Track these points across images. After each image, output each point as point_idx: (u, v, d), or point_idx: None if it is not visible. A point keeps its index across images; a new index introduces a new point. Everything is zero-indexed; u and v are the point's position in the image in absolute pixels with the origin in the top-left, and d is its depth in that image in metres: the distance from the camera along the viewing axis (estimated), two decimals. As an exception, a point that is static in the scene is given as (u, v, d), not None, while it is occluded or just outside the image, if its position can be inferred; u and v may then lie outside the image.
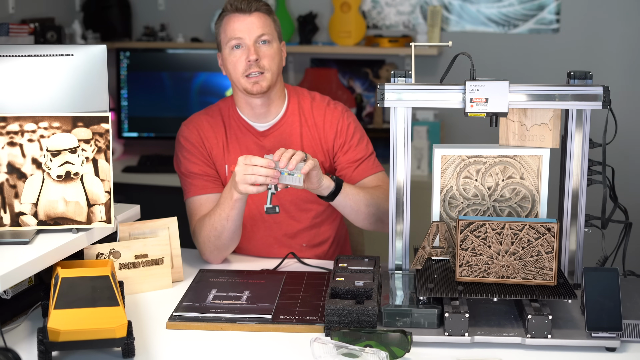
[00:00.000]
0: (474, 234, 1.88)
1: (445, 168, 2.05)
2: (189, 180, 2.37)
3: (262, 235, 2.40)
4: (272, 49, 2.29)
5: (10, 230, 1.93)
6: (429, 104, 1.99)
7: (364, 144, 2.41)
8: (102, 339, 1.68)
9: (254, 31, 2.26)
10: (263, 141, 2.36)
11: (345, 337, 1.75)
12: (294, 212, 2.40)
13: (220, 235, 2.24)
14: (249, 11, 2.27)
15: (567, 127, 2.01)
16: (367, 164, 2.39)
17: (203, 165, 2.36)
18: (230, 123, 2.38)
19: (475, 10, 3.99)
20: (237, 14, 2.28)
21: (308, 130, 2.37)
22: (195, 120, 2.40)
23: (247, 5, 2.27)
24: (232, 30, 2.27)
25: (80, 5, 4.34)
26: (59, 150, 1.96)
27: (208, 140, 2.37)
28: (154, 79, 4.11)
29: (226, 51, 2.29)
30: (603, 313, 1.76)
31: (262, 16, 2.29)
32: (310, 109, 2.39)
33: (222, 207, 2.21)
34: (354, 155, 2.38)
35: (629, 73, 3.82)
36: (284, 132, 2.36)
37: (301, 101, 2.40)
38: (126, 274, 2.08)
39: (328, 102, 2.43)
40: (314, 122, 2.38)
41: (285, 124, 2.37)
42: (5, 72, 2.04)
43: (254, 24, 2.27)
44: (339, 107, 2.42)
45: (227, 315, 1.92)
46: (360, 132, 2.42)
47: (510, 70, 3.93)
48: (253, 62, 2.25)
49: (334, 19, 4.06)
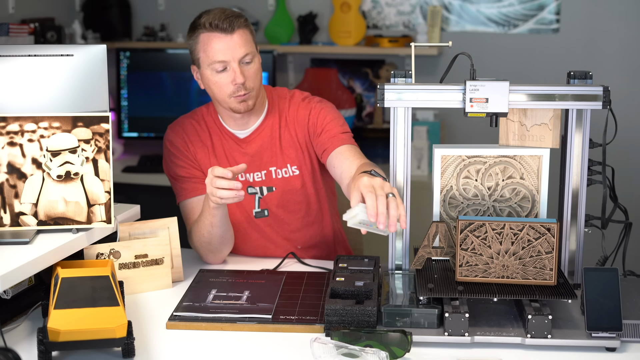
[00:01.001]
0: (474, 234, 1.88)
1: (445, 168, 2.05)
2: (179, 184, 2.37)
3: (256, 238, 2.40)
4: (255, 66, 2.24)
5: (10, 230, 1.93)
6: (429, 104, 1.99)
7: (339, 124, 2.31)
8: (102, 339, 1.68)
9: (237, 52, 2.19)
10: (245, 148, 2.35)
11: (345, 337, 1.75)
12: (282, 215, 2.39)
13: (210, 241, 2.25)
14: (230, 31, 2.19)
15: (567, 127, 2.02)
16: (344, 136, 2.29)
17: (190, 168, 2.35)
18: (214, 129, 2.36)
19: (475, 10, 3.99)
20: (217, 33, 2.19)
21: (287, 131, 2.34)
22: (181, 124, 2.39)
23: (229, 24, 2.18)
24: (214, 52, 2.19)
25: (80, 5, 4.34)
26: (59, 150, 1.96)
27: (193, 143, 2.35)
28: (154, 79, 4.11)
29: (207, 72, 2.23)
30: (603, 313, 1.76)
31: (243, 33, 2.21)
32: (288, 107, 2.36)
33: (204, 214, 2.21)
34: (329, 130, 2.30)
35: (629, 73, 3.82)
36: (264, 137, 2.34)
37: (280, 103, 2.37)
38: (126, 274, 2.08)
39: (304, 97, 2.38)
40: (291, 119, 2.35)
41: (265, 128, 2.34)
42: (5, 72, 2.04)
43: (237, 44, 2.19)
44: (314, 99, 2.37)
45: (227, 315, 1.92)
46: (334, 114, 2.34)
47: (510, 70, 3.93)
48: (240, 84, 2.20)
49: (334, 19, 4.06)
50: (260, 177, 2.35)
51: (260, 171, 2.35)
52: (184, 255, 2.26)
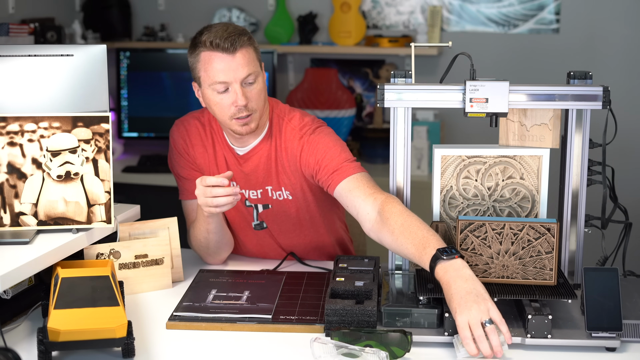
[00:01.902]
0: (474, 234, 1.88)
1: (445, 168, 2.05)
2: (181, 183, 2.35)
3: (255, 244, 2.37)
4: (258, 87, 2.14)
5: (10, 230, 1.93)
6: (429, 104, 1.99)
7: (336, 153, 2.16)
8: (102, 339, 1.68)
9: (239, 72, 2.08)
10: (243, 165, 2.27)
11: (345, 337, 1.75)
12: (277, 230, 2.34)
13: (208, 245, 2.25)
14: (232, 50, 2.07)
15: (567, 127, 2.02)
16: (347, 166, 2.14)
17: (190, 170, 2.32)
18: (218, 140, 2.30)
19: (475, 10, 3.99)
20: (218, 53, 2.08)
21: (281, 157, 2.24)
22: (186, 123, 2.33)
23: (232, 44, 2.07)
24: (215, 72, 2.09)
25: (80, 5, 4.34)
26: (59, 150, 1.96)
27: (194, 147, 2.30)
28: (154, 79, 4.11)
29: (208, 92, 2.13)
30: (603, 313, 1.76)
31: (245, 52, 2.10)
32: (282, 133, 2.24)
33: (199, 221, 2.20)
34: (330, 166, 2.16)
35: (629, 73, 3.82)
36: (261, 157, 2.25)
37: (280, 124, 2.25)
38: (126, 274, 2.08)
39: (301, 127, 2.22)
40: (283, 148, 2.23)
41: (262, 149, 2.25)
42: (5, 72, 2.04)
43: (239, 65, 2.08)
44: (308, 132, 2.20)
45: (227, 315, 1.92)
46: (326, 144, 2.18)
47: (510, 70, 3.93)
48: (242, 106, 2.10)
49: (334, 19, 4.06)
50: (255, 195, 2.28)
51: (256, 189, 2.28)
52: (184, 255, 2.26)
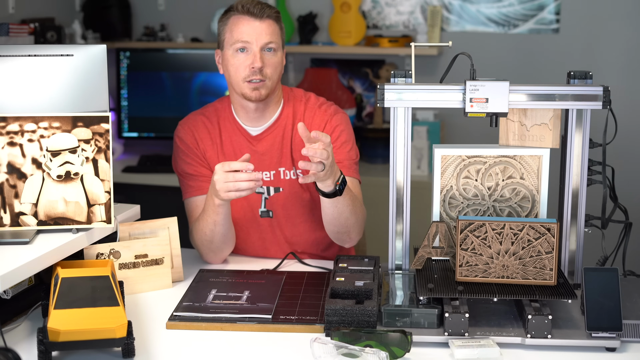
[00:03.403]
0: (474, 234, 1.88)
1: (445, 168, 2.05)
2: (185, 181, 2.36)
3: (257, 238, 2.38)
4: (276, 58, 2.25)
5: (10, 230, 1.93)
6: (429, 104, 1.99)
7: (347, 148, 2.33)
8: (102, 339, 1.68)
9: (262, 38, 2.21)
10: (256, 145, 2.33)
11: (345, 337, 1.75)
12: (285, 216, 2.36)
13: (212, 239, 2.24)
14: (260, 16, 2.22)
15: (567, 127, 2.02)
16: (345, 166, 2.30)
17: (198, 166, 2.34)
18: (226, 125, 2.35)
19: (475, 10, 3.99)
20: (246, 16, 2.22)
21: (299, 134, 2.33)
22: (191, 121, 2.38)
23: (260, 10, 2.22)
24: (239, 33, 2.22)
25: (80, 5, 4.34)
26: (59, 150, 1.96)
27: (202, 141, 2.34)
28: (154, 79, 4.11)
29: (229, 52, 2.24)
30: (603, 313, 1.76)
31: (271, 23, 2.24)
32: (303, 111, 2.35)
33: (207, 212, 2.20)
34: (337, 155, 2.29)
35: (629, 73, 3.82)
36: (276, 136, 2.33)
37: (295, 104, 2.36)
38: (126, 274, 2.08)
39: (321, 103, 2.37)
40: (306, 124, 2.31)
41: (277, 127, 2.33)
42: (5, 72, 2.04)
43: (263, 30, 2.21)
44: (331, 108, 2.36)
45: (227, 315, 1.92)
46: (347, 135, 2.34)
47: (510, 70, 3.93)
48: (257, 69, 2.20)
49: (334, 19, 4.06)
50: (268, 177, 2.33)
51: (269, 171, 2.33)
52: (184, 255, 2.26)
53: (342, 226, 2.23)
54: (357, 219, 2.23)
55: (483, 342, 1.75)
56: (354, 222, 2.23)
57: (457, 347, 1.72)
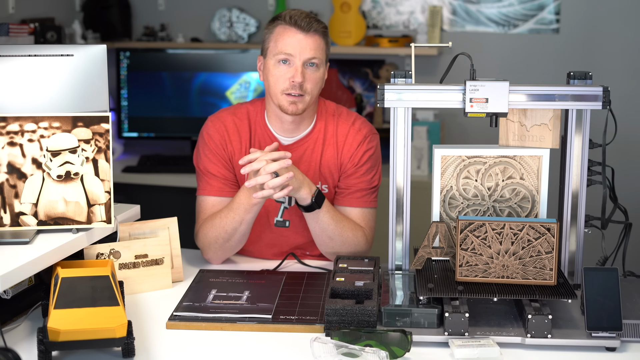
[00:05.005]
0: (474, 234, 1.88)
1: (445, 168, 2.05)
2: (206, 179, 2.32)
3: (269, 240, 2.36)
4: (318, 73, 2.22)
5: (10, 230, 1.93)
6: (429, 104, 1.99)
7: (370, 176, 2.32)
8: (102, 339, 1.68)
9: (305, 52, 2.18)
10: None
11: (345, 337, 1.75)
12: (300, 226, 2.33)
13: (231, 238, 2.23)
14: (307, 30, 2.18)
15: (567, 127, 2.02)
16: (361, 195, 2.31)
17: (222, 168, 2.31)
18: (257, 130, 2.32)
19: (475, 10, 3.99)
20: (293, 28, 2.19)
21: (330, 150, 2.31)
22: (223, 120, 2.34)
23: (307, 24, 2.18)
24: (284, 44, 2.18)
25: (80, 5, 4.34)
26: (59, 150, 1.96)
27: (231, 143, 2.31)
28: (154, 79, 4.11)
29: (271, 62, 2.21)
30: (603, 313, 1.76)
31: (317, 39, 2.20)
32: (335, 128, 2.32)
33: (236, 210, 2.18)
34: (354, 183, 2.31)
35: (629, 73, 3.82)
36: (307, 149, 2.31)
37: (327, 119, 2.33)
38: (126, 274, 2.08)
39: (354, 120, 2.34)
40: (336, 142, 2.32)
41: (309, 140, 2.31)
42: (5, 72, 2.04)
43: (308, 45, 2.18)
44: (365, 129, 2.34)
45: (227, 315, 1.92)
46: (374, 160, 2.34)
47: (510, 70, 3.93)
48: (297, 84, 2.18)
49: (334, 19, 4.06)
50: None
51: None
52: (184, 255, 2.26)
53: (327, 246, 2.26)
54: (343, 243, 2.24)
55: (483, 341, 1.75)
56: (340, 245, 2.24)
57: (457, 347, 1.72)
